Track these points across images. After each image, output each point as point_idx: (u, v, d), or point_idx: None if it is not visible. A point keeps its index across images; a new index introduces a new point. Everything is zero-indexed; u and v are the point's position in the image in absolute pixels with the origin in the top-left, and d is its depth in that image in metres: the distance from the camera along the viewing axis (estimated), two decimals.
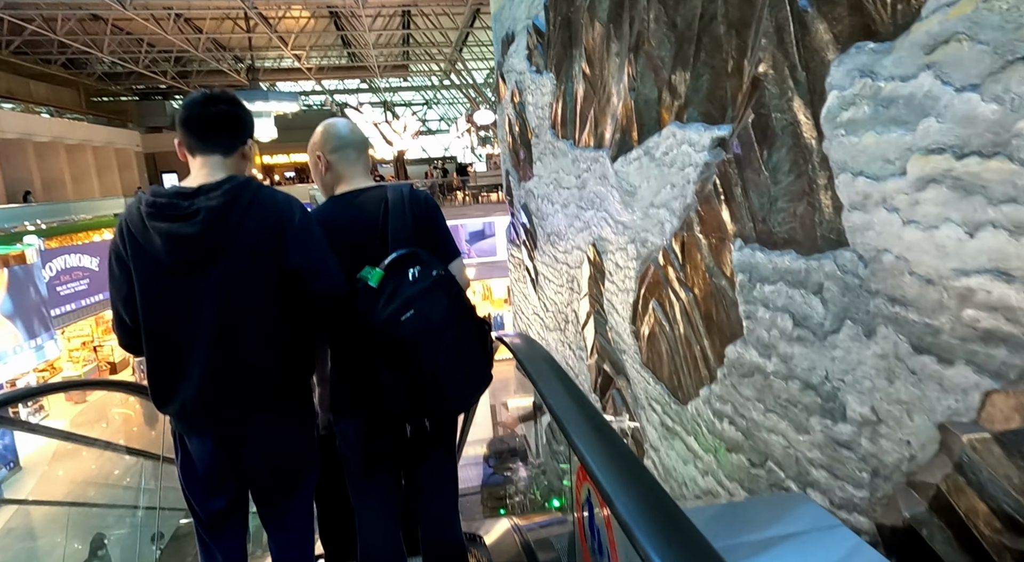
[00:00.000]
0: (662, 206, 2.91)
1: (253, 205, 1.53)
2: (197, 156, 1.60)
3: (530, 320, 6.84)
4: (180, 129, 1.62)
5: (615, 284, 3.73)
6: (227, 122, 1.62)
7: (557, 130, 4.96)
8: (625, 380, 3.80)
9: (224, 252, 1.50)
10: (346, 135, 1.88)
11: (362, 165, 1.89)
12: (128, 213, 1.54)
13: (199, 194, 1.51)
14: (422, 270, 1.61)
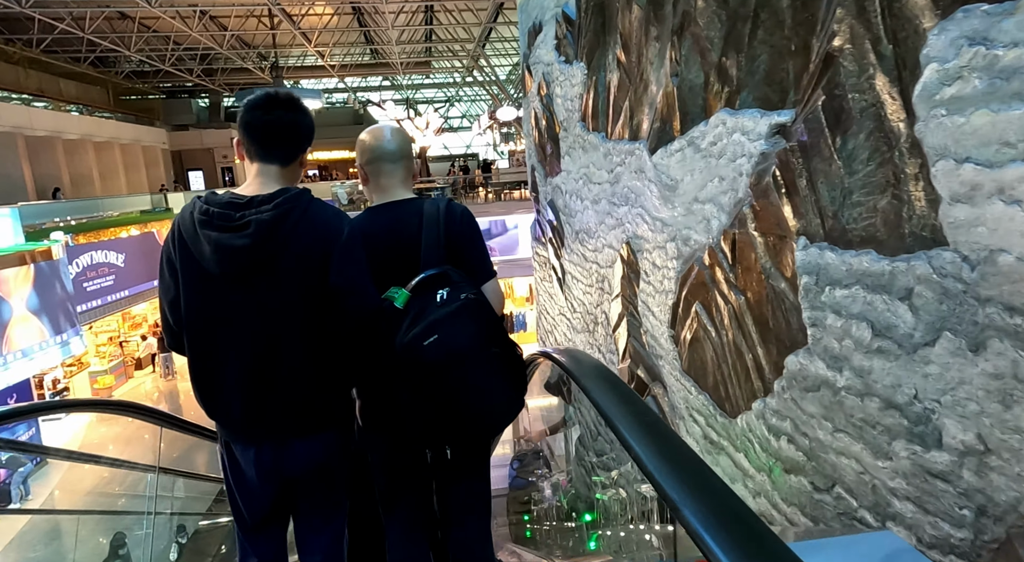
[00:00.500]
0: (708, 201, 2.68)
1: (303, 220, 1.53)
2: (255, 163, 1.61)
3: (555, 321, 6.62)
4: (241, 132, 1.62)
5: (651, 285, 3.50)
6: (289, 131, 1.61)
7: (587, 123, 4.73)
8: (662, 387, 3.57)
9: (271, 265, 1.51)
10: (381, 146, 1.83)
11: (399, 176, 1.83)
12: (182, 217, 1.56)
13: (251, 205, 1.51)
14: (451, 292, 1.55)
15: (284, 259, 1.51)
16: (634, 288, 3.87)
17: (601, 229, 4.56)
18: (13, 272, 9.76)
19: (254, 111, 1.59)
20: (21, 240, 11.05)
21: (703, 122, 2.70)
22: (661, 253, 3.30)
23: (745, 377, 2.44)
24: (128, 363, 17.52)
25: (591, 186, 4.75)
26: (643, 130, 3.49)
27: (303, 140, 1.65)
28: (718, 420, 2.71)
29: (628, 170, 3.79)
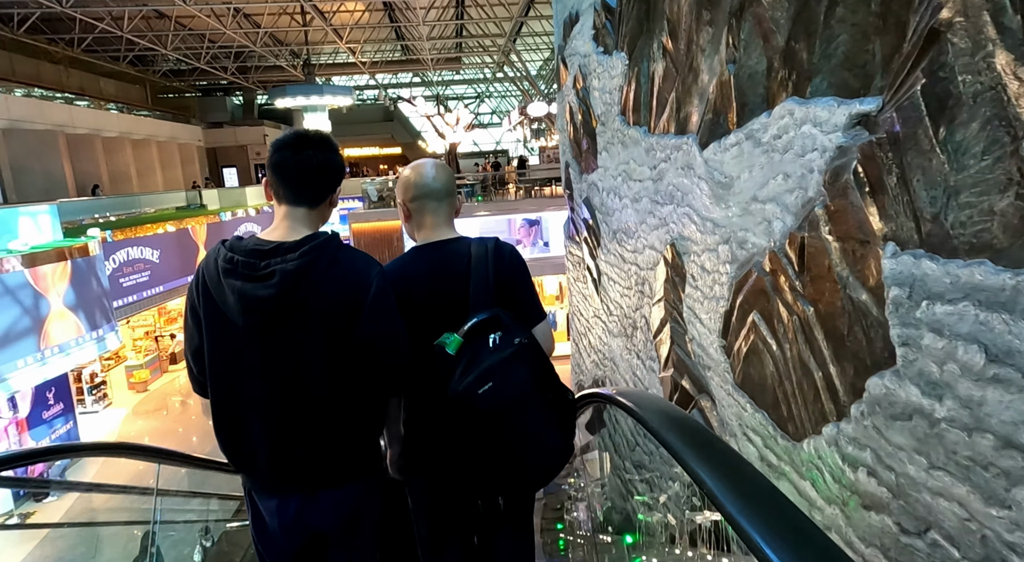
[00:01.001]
0: (770, 200, 2.43)
1: (331, 269, 1.49)
2: (283, 205, 1.57)
3: (590, 324, 6.38)
4: (269, 172, 1.58)
5: (699, 290, 3.25)
6: (320, 174, 1.57)
7: (627, 116, 4.48)
8: (710, 400, 3.32)
9: (296, 316, 1.47)
10: (427, 183, 1.79)
11: (444, 214, 1.81)
12: (206, 264, 1.53)
13: (277, 253, 1.47)
14: (503, 336, 1.52)
15: (310, 310, 1.46)
16: (679, 293, 3.62)
17: (642, 229, 4.32)
18: (51, 268, 9.89)
19: (283, 151, 1.54)
20: (60, 236, 11.22)
21: (765, 113, 2.45)
22: (711, 256, 3.05)
23: (813, 397, 2.19)
24: (163, 358, 17.80)
25: (631, 183, 4.51)
26: (692, 123, 3.24)
27: (333, 181, 1.60)
28: (779, 442, 2.46)
29: (674, 166, 3.54)
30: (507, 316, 1.58)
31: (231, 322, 1.46)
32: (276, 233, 1.55)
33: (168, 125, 26.22)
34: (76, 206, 14.43)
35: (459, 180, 18.46)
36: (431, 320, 1.58)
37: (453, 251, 1.72)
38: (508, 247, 1.75)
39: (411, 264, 1.74)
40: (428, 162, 1.86)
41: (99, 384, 15.25)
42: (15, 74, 19.15)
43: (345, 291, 1.49)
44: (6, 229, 9.93)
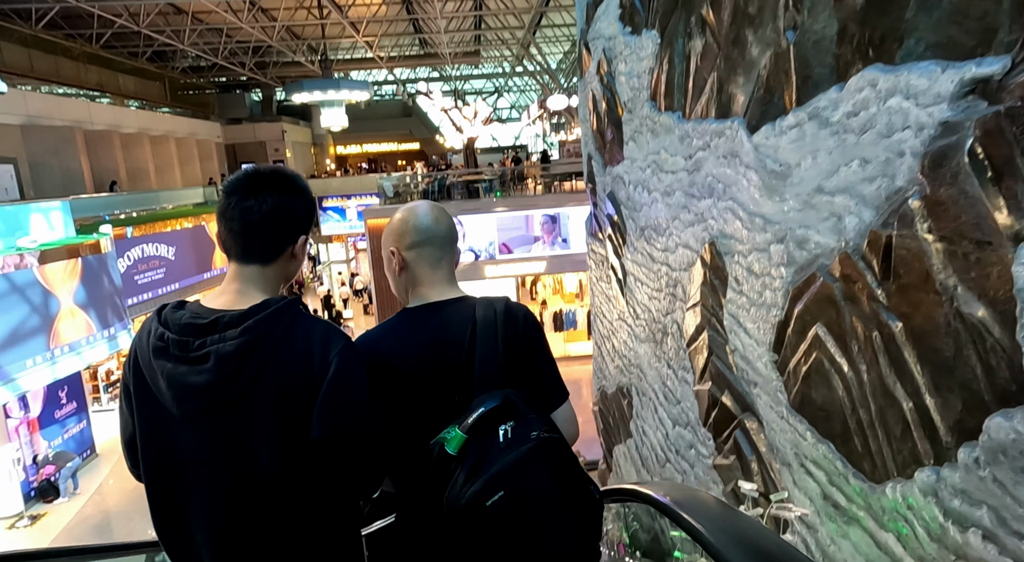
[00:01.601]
0: (840, 191, 2.03)
1: (278, 350, 1.22)
2: (231, 262, 1.32)
3: (614, 327, 5.98)
4: (217, 220, 1.33)
5: (745, 296, 2.85)
6: (272, 222, 1.29)
7: (658, 101, 4.08)
8: (756, 421, 2.92)
9: (238, 407, 1.22)
10: (427, 226, 1.48)
11: (446, 267, 1.50)
12: (139, 339, 1.29)
13: (214, 329, 1.22)
14: (516, 428, 1.22)
15: (254, 400, 1.21)
16: (719, 298, 3.22)
17: (674, 225, 3.91)
18: (61, 265, 9.73)
19: (229, 196, 1.29)
20: (72, 233, 11.07)
21: (835, 87, 2.04)
22: (761, 257, 2.65)
23: (902, 433, 1.79)
24: None
25: (661, 175, 4.10)
26: (738, 105, 2.83)
27: (293, 229, 1.33)
28: (850, 482, 2.05)
29: (714, 155, 3.14)
30: (521, 399, 1.27)
31: (166, 410, 1.22)
32: (221, 299, 1.29)
33: (187, 121, 26.20)
34: (89, 203, 14.32)
35: (476, 176, 18.11)
36: (425, 407, 1.31)
37: (453, 315, 1.40)
38: (521, 310, 1.44)
39: (398, 333, 1.43)
40: (425, 203, 1.55)
41: (115, 382, 15.16)
42: (34, 70, 19.14)
43: (295, 379, 1.21)
44: (18, 226, 9.78)
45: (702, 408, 3.59)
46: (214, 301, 1.30)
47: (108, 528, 9.74)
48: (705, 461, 3.61)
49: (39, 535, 9.39)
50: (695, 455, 3.81)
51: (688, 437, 3.91)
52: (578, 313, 17.30)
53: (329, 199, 29.43)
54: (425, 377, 1.35)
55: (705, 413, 3.54)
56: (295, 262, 1.37)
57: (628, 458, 5.66)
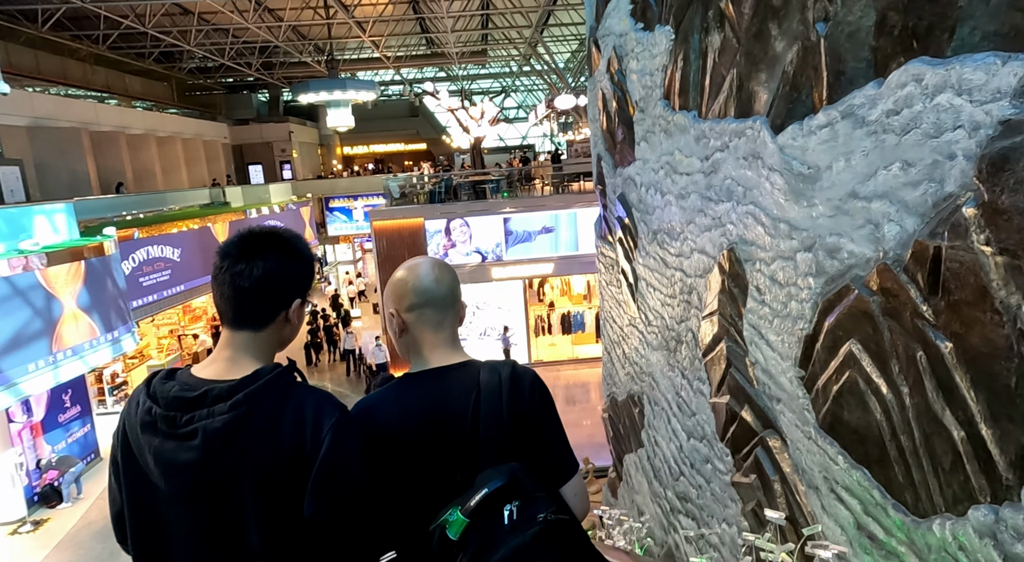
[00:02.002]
0: (878, 197, 1.86)
1: (268, 425, 1.19)
2: (224, 327, 1.30)
3: (625, 332, 5.82)
4: (211, 282, 1.32)
5: (768, 306, 2.68)
6: (264, 288, 1.26)
7: (672, 100, 3.91)
8: (779, 440, 2.75)
9: (228, 484, 1.19)
10: (427, 286, 1.42)
11: (448, 329, 1.43)
12: (127, 411, 1.25)
13: (203, 403, 1.19)
14: (523, 509, 1.14)
15: (244, 477, 1.17)
16: (738, 307, 3.05)
17: (689, 230, 3.74)
18: (64, 268, 9.64)
19: (223, 260, 1.26)
20: (76, 235, 10.98)
21: (872, 84, 1.87)
22: (786, 266, 2.48)
23: (952, 465, 1.62)
24: (185, 358, 17.65)
25: (676, 177, 3.93)
26: (760, 103, 2.66)
27: (287, 293, 1.29)
28: (889, 514, 1.88)
29: (733, 156, 2.97)
30: (527, 475, 1.20)
31: (154, 484, 1.19)
32: (212, 368, 1.26)
33: (194, 122, 26.19)
34: (95, 204, 14.27)
35: (483, 176, 17.96)
36: (425, 483, 1.25)
37: (456, 383, 1.32)
38: (528, 375, 1.35)
39: (398, 401, 1.35)
40: (426, 260, 1.49)
41: (120, 384, 15.10)
42: (40, 72, 19.15)
43: (286, 455, 1.17)
44: (21, 228, 9.70)
45: (719, 422, 3.42)
46: (205, 370, 1.26)
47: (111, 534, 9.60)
48: (722, 477, 3.44)
49: (42, 541, 9.31)
50: (711, 470, 3.64)
51: (704, 451, 3.74)
52: (586, 315, 17.13)
53: (336, 200, 29.40)
54: (426, 451, 1.27)
55: (723, 427, 3.37)
56: (290, 327, 1.32)
57: (639, 468, 5.49)
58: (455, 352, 1.40)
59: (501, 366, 1.35)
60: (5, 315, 8.51)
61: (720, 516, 3.56)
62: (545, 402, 1.36)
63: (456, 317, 1.44)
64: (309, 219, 24.53)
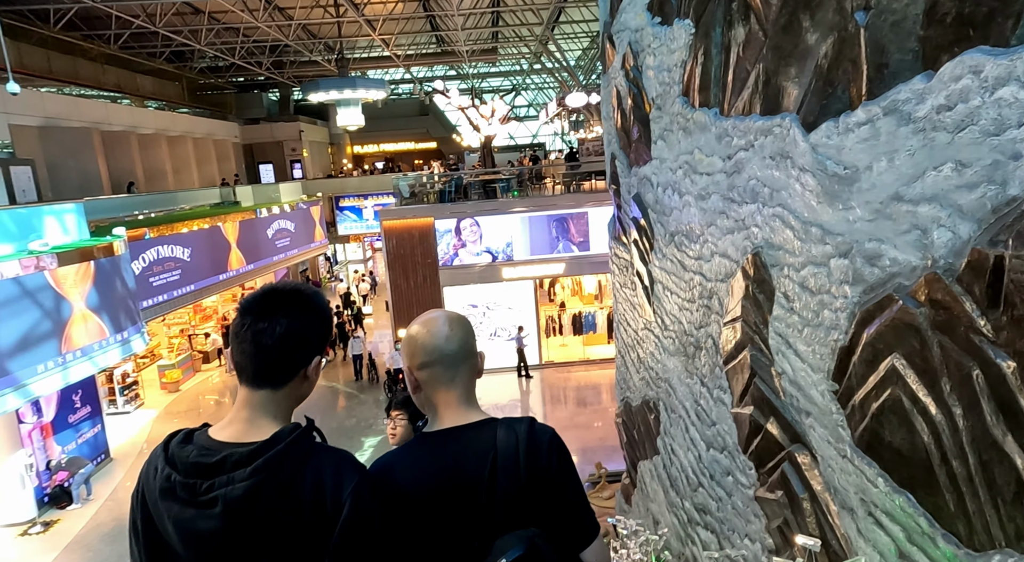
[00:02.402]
0: (927, 200, 1.71)
1: (290, 491, 1.18)
2: (241, 386, 1.30)
3: (639, 336, 5.67)
4: (231, 339, 1.33)
5: (797, 314, 2.53)
6: (285, 347, 1.27)
7: (692, 97, 3.76)
8: (809, 456, 2.60)
9: (246, 551, 1.18)
10: (437, 345, 1.40)
11: (461, 387, 1.42)
12: (145, 476, 1.26)
13: (223, 469, 1.18)
14: None
15: (263, 544, 1.18)
16: (763, 314, 2.90)
17: (710, 232, 3.59)
18: (73, 269, 9.61)
19: (244, 316, 1.27)
20: (87, 235, 10.97)
21: (921, 77, 1.72)
22: (819, 272, 2.33)
23: (1015, 496, 1.47)
24: (196, 357, 17.67)
25: (695, 177, 3.78)
26: (789, 99, 2.51)
27: (307, 352, 1.30)
28: (938, 545, 1.74)
29: (759, 156, 2.82)
30: (547, 543, 1.16)
31: (174, 550, 1.20)
32: (230, 429, 1.26)
33: (205, 122, 26.25)
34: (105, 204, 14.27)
35: (494, 175, 17.83)
36: (441, 548, 1.24)
37: (472, 443, 1.30)
38: (546, 433, 1.32)
39: (414, 464, 1.33)
40: (440, 316, 1.46)
41: (131, 384, 15.12)
42: (52, 72, 19.21)
43: (306, 521, 1.17)
44: (31, 228, 9.68)
45: (742, 433, 3.27)
46: (223, 432, 1.26)
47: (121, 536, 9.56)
48: (745, 491, 3.29)
49: (52, 542, 9.30)
50: (733, 483, 3.49)
51: (725, 463, 3.59)
52: (598, 315, 16.97)
53: (346, 199, 29.38)
54: (443, 516, 1.25)
55: (745, 439, 3.22)
56: (308, 383, 1.33)
57: (654, 476, 5.34)
58: (470, 410, 1.37)
59: (518, 425, 1.31)
60: (14, 316, 8.49)
61: (742, 531, 3.41)
62: (564, 462, 1.32)
63: (471, 373, 1.42)
64: (319, 218, 24.52)
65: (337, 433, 13.23)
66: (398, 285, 16.14)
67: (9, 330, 8.40)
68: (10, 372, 8.33)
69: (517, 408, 14.09)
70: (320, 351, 1.32)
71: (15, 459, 9.68)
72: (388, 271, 16.26)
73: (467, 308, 16.40)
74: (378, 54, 29.41)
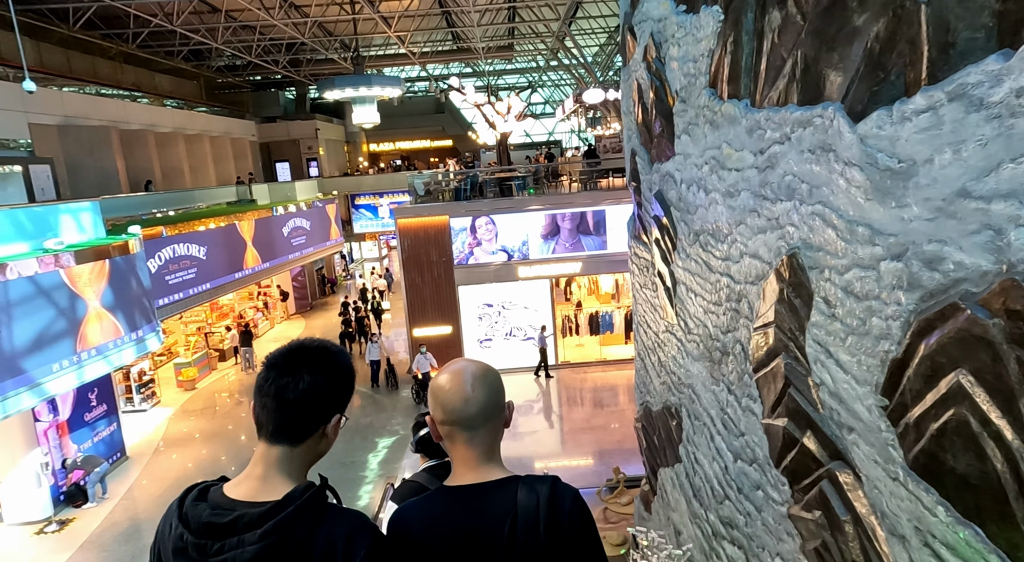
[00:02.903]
0: (1002, 197, 1.52)
1: (301, 552, 1.16)
2: (260, 440, 1.30)
3: (660, 339, 5.46)
4: (254, 393, 1.32)
5: (840, 322, 2.33)
6: (306, 402, 1.26)
7: (720, 88, 3.56)
8: (851, 474, 2.40)
9: None
10: (456, 407, 1.38)
11: (482, 446, 1.40)
12: (161, 533, 1.26)
13: (234, 530, 1.17)
14: None
15: None
16: (800, 320, 2.69)
17: (739, 231, 3.39)
18: (87, 267, 9.59)
19: (268, 371, 1.29)
20: (103, 234, 10.96)
21: (994, 57, 1.53)
22: (866, 276, 2.13)
23: None
24: (212, 355, 17.69)
25: (723, 173, 3.58)
26: (832, 87, 2.31)
27: (329, 408, 1.31)
28: None
29: (795, 149, 2.61)
30: None
31: None
32: (244, 487, 1.26)
33: (222, 120, 26.35)
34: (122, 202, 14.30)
35: (510, 173, 17.64)
36: None
37: (493, 503, 1.29)
38: (569, 493, 1.31)
39: (432, 520, 1.32)
40: (464, 372, 1.41)
41: (147, 382, 15.16)
42: (71, 70, 19.35)
43: None
44: (47, 227, 9.67)
45: (774, 446, 3.07)
46: (237, 488, 1.25)
47: (136, 536, 9.59)
48: (777, 508, 3.09)
49: (67, 541, 9.29)
50: (763, 498, 3.29)
51: (754, 476, 3.39)
52: (615, 315, 16.74)
53: (361, 197, 29.36)
54: None
55: (778, 452, 3.02)
56: (326, 442, 1.32)
57: (677, 485, 5.14)
58: (491, 468, 1.35)
59: (540, 485, 1.28)
60: (29, 315, 8.48)
61: (773, 549, 3.21)
62: (586, 524, 1.30)
63: (492, 433, 1.40)
64: (335, 216, 24.50)
65: (351, 432, 13.16)
66: (413, 284, 16.02)
67: (24, 329, 8.38)
68: (25, 371, 8.31)
69: (532, 409, 13.91)
70: (341, 409, 1.32)
71: (31, 458, 9.69)
72: (403, 270, 16.14)
73: (482, 307, 16.24)
74: (394, 52, 29.34)
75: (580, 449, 11.90)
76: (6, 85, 13.46)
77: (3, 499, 9.84)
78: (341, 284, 29.54)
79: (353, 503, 10.34)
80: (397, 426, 13.50)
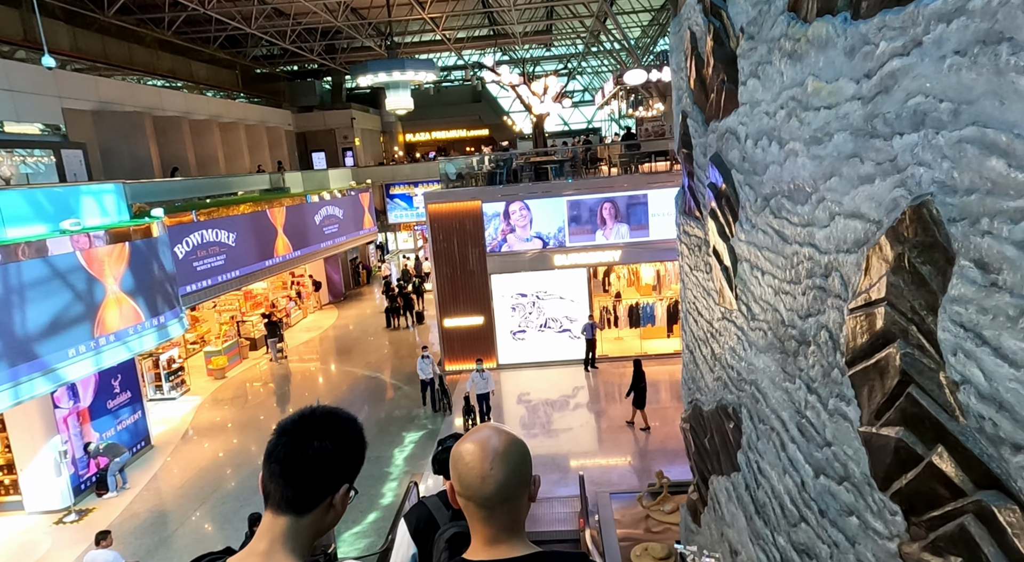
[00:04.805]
0: None
1: None
2: (266, 510, 1.25)
3: (715, 328, 4.73)
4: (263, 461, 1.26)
5: (1010, 292, 1.61)
6: (314, 469, 1.22)
7: (804, 8, 2.83)
8: (1018, 512, 1.67)
9: None
10: (471, 483, 1.27)
11: (497, 528, 1.28)
12: None
13: None
14: None
15: None
16: (929, 295, 1.98)
17: (829, 187, 2.66)
18: (106, 250, 9.28)
19: (279, 437, 1.23)
20: (126, 217, 10.69)
21: None
22: None
23: None
24: (243, 344, 17.50)
25: (806, 116, 2.85)
26: None
27: (337, 477, 1.24)
28: None
29: (933, 56, 1.89)
30: None
31: None
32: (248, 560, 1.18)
33: (258, 109, 26.26)
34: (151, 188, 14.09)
35: (546, 158, 16.92)
36: None
37: None
38: None
39: None
40: (491, 441, 1.28)
41: (177, 370, 15.00)
42: (107, 57, 19.34)
43: None
44: (68, 208, 9.40)
45: (879, 462, 2.35)
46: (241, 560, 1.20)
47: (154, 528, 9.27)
48: (882, 544, 2.37)
49: (85, 532, 9.03)
50: (859, 527, 2.57)
51: (845, 499, 2.67)
52: (657, 307, 15.89)
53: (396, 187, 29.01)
54: None
55: (885, 471, 2.30)
56: (333, 513, 1.26)
57: (733, 497, 4.42)
58: (511, 545, 1.27)
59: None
60: (45, 298, 8.18)
61: None
62: None
63: (514, 512, 1.30)
64: (368, 205, 24.15)
65: (378, 427, 12.70)
66: (443, 273, 15.48)
67: (38, 312, 8.08)
68: (39, 356, 8.01)
69: (568, 405, 13.23)
70: (350, 480, 1.26)
71: (49, 446, 9.46)
72: (432, 258, 15.60)
73: (516, 297, 15.60)
74: (429, 38, 28.85)
75: (619, 449, 11.17)
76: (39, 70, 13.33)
77: (24, 487, 9.65)
78: (376, 275, 29.29)
79: (376, 501, 9.85)
80: (426, 421, 12.99)
